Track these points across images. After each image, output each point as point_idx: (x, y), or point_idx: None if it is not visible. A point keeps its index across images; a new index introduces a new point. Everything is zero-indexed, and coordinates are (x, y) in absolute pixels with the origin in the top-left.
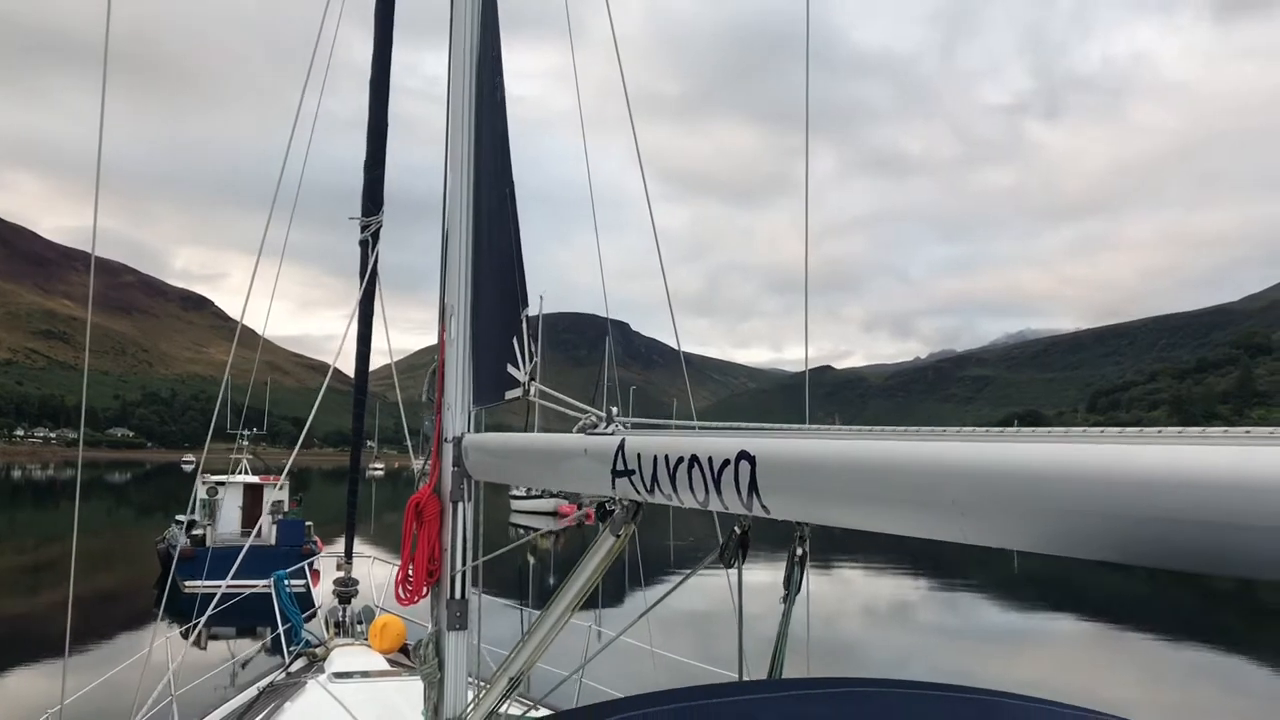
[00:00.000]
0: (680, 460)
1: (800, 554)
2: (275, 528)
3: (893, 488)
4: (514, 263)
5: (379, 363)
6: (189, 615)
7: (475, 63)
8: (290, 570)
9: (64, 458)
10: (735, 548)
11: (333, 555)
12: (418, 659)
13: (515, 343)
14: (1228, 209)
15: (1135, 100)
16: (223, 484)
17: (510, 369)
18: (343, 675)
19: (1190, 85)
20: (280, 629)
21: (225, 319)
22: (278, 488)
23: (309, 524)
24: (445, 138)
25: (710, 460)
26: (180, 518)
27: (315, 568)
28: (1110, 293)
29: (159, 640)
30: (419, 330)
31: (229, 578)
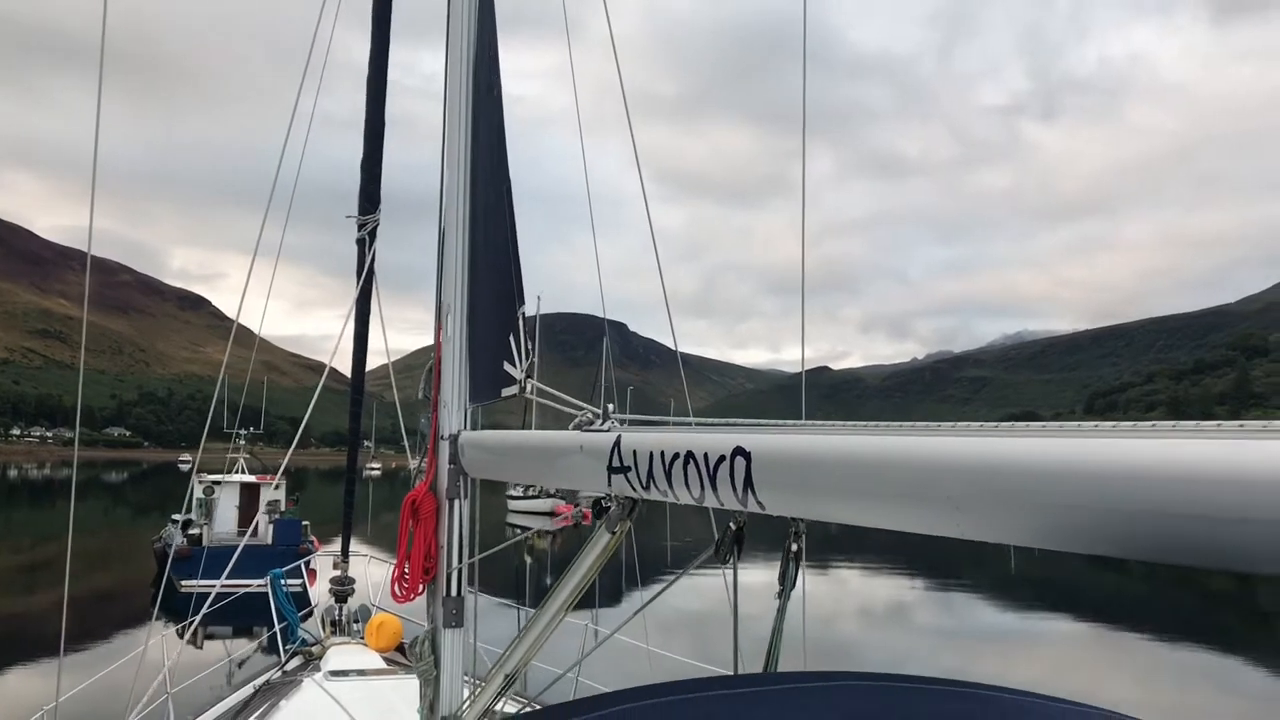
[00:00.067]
0: (676, 456)
1: (795, 550)
2: (272, 527)
3: (888, 483)
4: (510, 260)
5: (376, 362)
6: (185, 614)
7: (472, 60)
8: (286, 569)
9: (60, 457)
10: (730, 544)
11: (329, 554)
12: (413, 656)
13: (512, 340)
14: (1225, 210)
15: (1133, 101)
16: (219, 483)
17: (507, 367)
18: (339, 674)
19: (1188, 86)
20: (277, 627)
21: (222, 319)
22: (274, 487)
23: (306, 523)
24: (442, 135)
25: (706, 456)
26: (177, 517)
27: (312, 567)
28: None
29: (154, 639)
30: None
31: (225, 576)
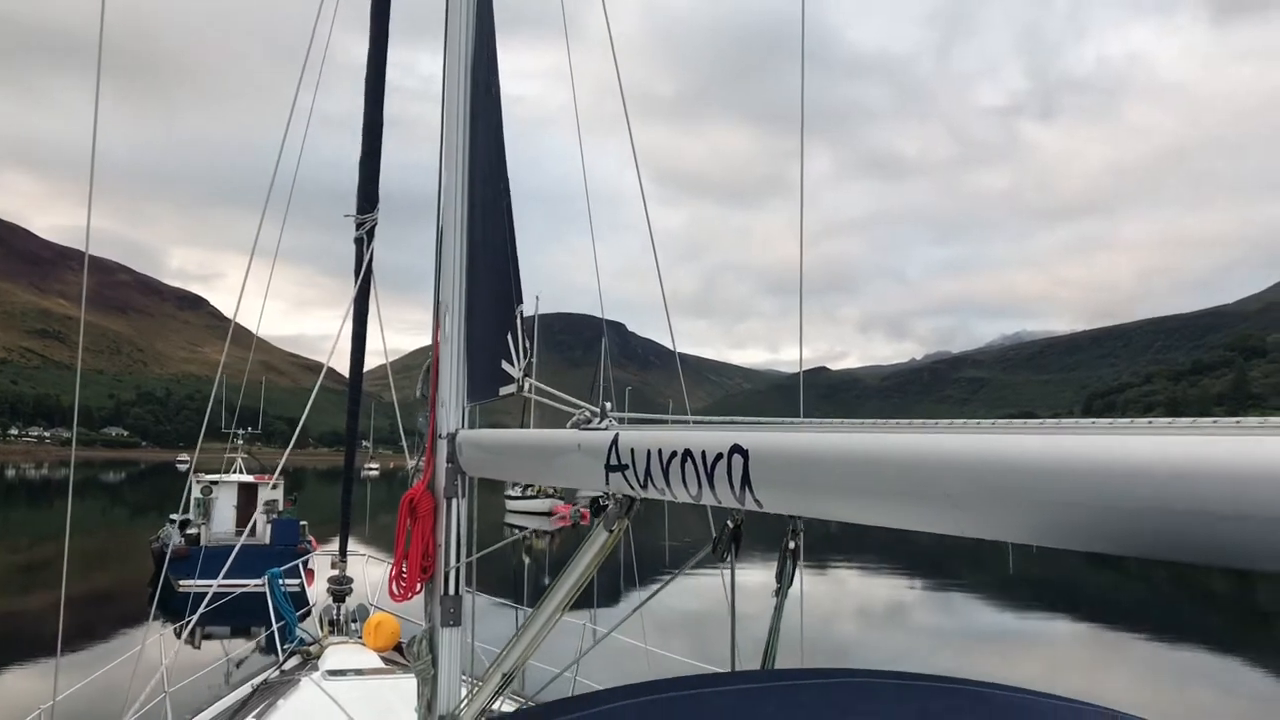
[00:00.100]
0: (673, 455)
1: (793, 547)
2: (270, 527)
3: (885, 480)
4: (509, 260)
5: (374, 363)
6: (183, 614)
7: (470, 59)
8: (284, 568)
9: (59, 457)
10: (728, 542)
11: (327, 554)
12: (411, 655)
13: (510, 339)
14: (1224, 211)
15: (1131, 101)
16: (217, 483)
17: (505, 365)
18: (336, 673)
19: (1187, 86)
20: (274, 627)
21: (221, 319)
22: (271, 487)
23: (304, 523)
24: (440, 135)
25: (703, 454)
26: (175, 517)
27: (310, 567)
28: (1106, 294)
29: (152, 638)
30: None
31: (222, 576)
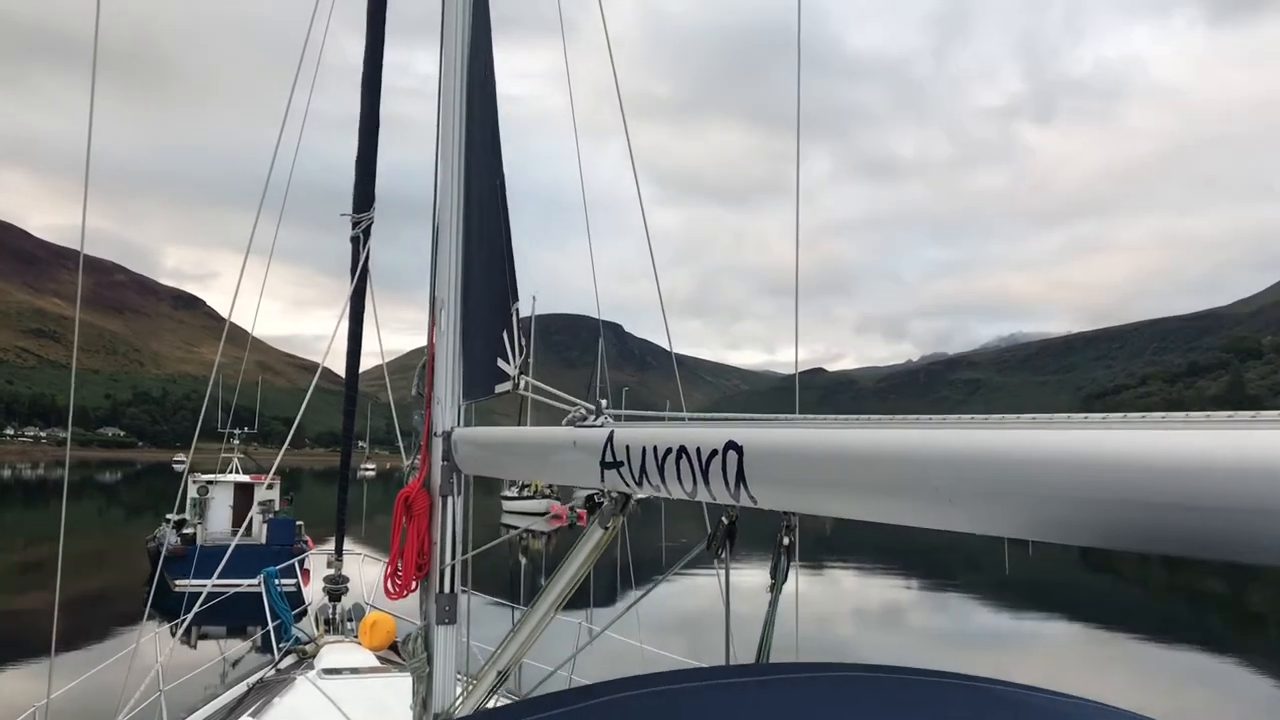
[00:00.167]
0: (668, 451)
1: (787, 543)
2: (266, 527)
3: (879, 476)
4: (505, 257)
5: (371, 363)
6: (178, 614)
7: (467, 57)
8: (280, 568)
9: (54, 457)
10: (722, 539)
11: (323, 553)
12: (406, 653)
13: (505, 337)
14: (1220, 213)
15: (1128, 104)
16: (213, 483)
17: (500, 363)
18: (332, 672)
19: (1183, 89)
20: (270, 626)
21: (217, 318)
22: (267, 487)
23: (300, 523)
24: (436, 130)
25: (698, 451)
26: (171, 516)
27: (306, 567)
28: (1102, 296)
29: (146, 637)
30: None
31: (217, 575)
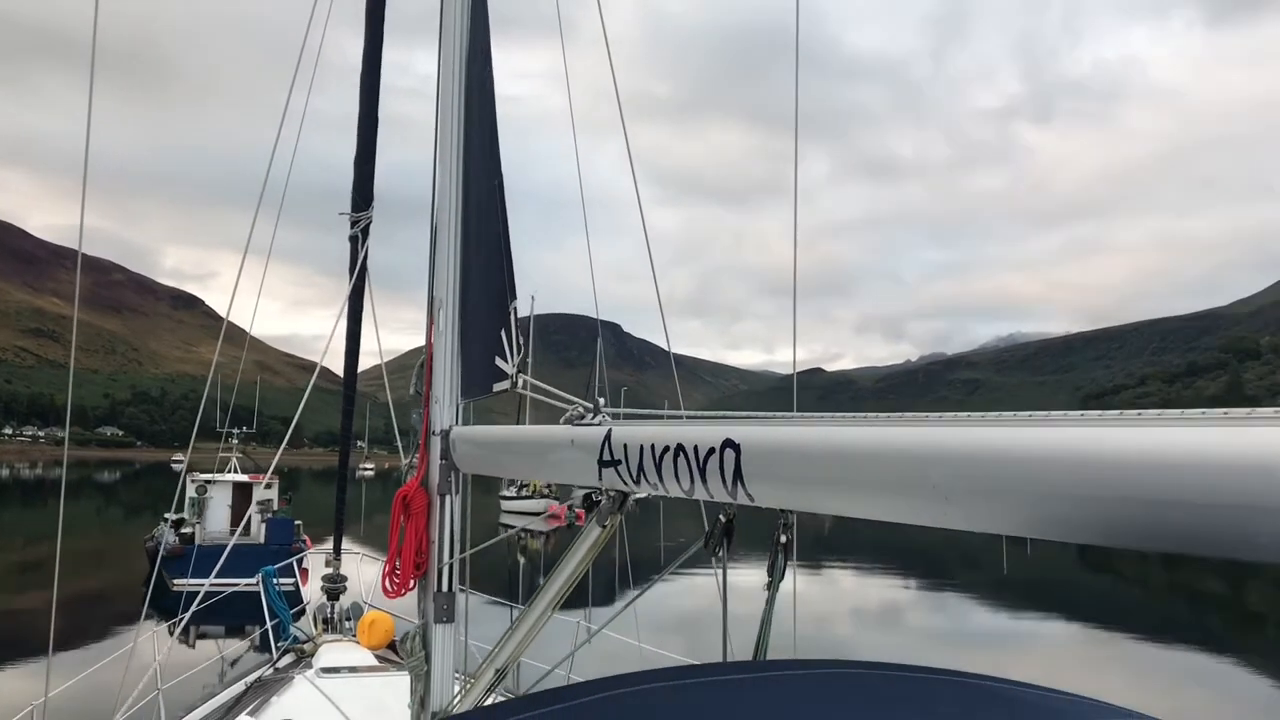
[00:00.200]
0: (666, 449)
1: (784, 541)
2: (264, 526)
3: (876, 473)
4: (503, 256)
5: (369, 363)
6: (176, 613)
7: (465, 55)
8: (278, 567)
9: (53, 456)
10: (720, 536)
11: (322, 553)
12: (404, 652)
13: (503, 335)
14: (1218, 213)
15: (1126, 105)
16: (212, 482)
17: (499, 361)
18: (330, 670)
19: (1182, 90)
20: (268, 625)
21: (216, 318)
22: (266, 486)
23: (298, 523)
24: (435, 130)
25: (696, 449)
26: (169, 516)
27: (304, 566)
28: (1101, 297)
29: (144, 636)
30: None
31: (214, 574)
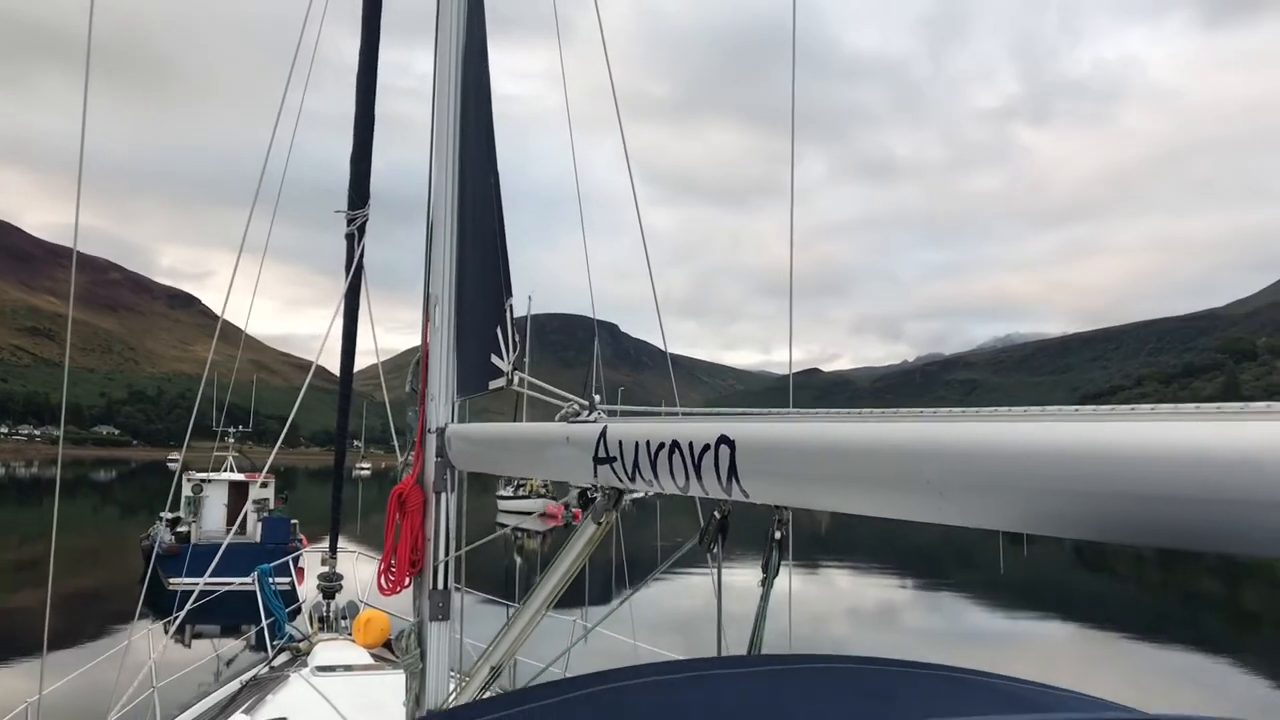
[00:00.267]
0: (661, 446)
1: (779, 537)
2: (260, 525)
3: (870, 469)
4: (499, 253)
5: (366, 362)
6: (171, 612)
7: (461, 52)
8: (274, 565)
9: (49, 455)
10: (715, 533)
11: (317, 551)
12: (400, 649)
13: (499, 332)
14: (1215, 214)
15: (1124, 106)
16: (208, 481)
17: (494, 359)
18: (325, 669)
19: (1179, 91)
20: (264, 623)
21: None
22: (262, 485)
23: (295, 522)
24: (431, 127)
25: (690, 445)
26: (165, 515)
27: (300, 565)
28: (1097, 297)
29: (139, 634)
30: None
31: (209, 572)
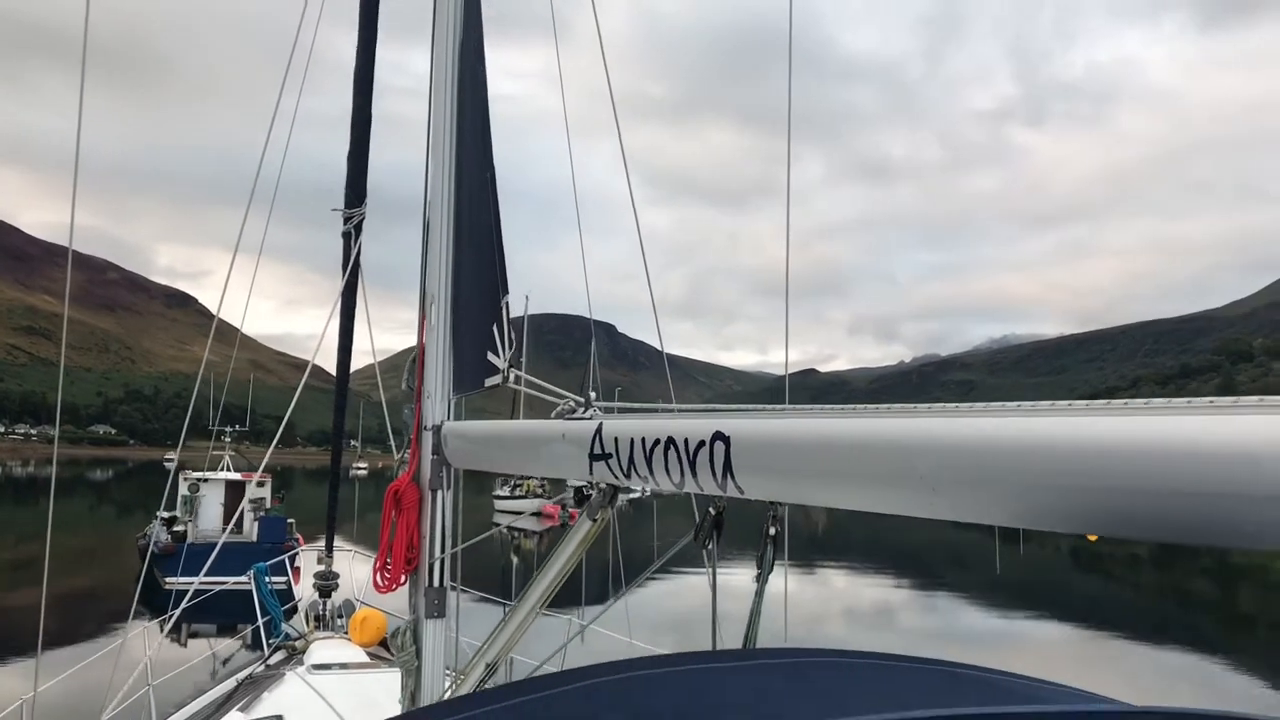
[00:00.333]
0: (656, 443)
1: (774, 533)
2: (257, 524)
3: (864, 465)
4: (495, 251)
5: (362, 362)
6: (167, 610)
7: (458, 51)
8: (270, 564)
9: (45, 455)
10: (710, 529)
11: (314, 550)
12: (395, 647)
13: (496, 330)
14: (1211, 216)
15: (1120, 107)
16: (204, 480)
17: (491, 357)
18: (321, 667)
19: (1174, 93)
20: (260, 622)
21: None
22: (257, 484)
23: (291, 521)
24: (427, 124)
25: (686, 442)
26: (162, 514)
27: (297, 565)
28: (1094, 298)
29: (134, 633)
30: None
31: (205, 571)
